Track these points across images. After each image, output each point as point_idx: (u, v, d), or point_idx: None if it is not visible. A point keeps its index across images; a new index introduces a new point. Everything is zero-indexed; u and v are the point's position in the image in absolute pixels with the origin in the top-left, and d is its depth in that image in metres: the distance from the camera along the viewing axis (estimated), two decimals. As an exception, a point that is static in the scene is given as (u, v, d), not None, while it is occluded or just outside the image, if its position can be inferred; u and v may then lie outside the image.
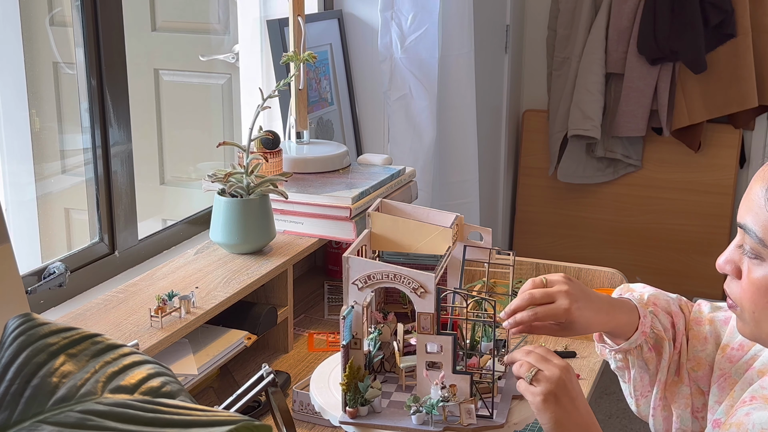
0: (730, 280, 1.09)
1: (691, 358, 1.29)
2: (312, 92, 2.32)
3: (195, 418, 0.54)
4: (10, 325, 0.59)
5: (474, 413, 1.22)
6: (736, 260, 1.07)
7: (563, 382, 1.12)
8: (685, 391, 1.28)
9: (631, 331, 1.26)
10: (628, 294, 1.32)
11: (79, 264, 1.70)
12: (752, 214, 1.03)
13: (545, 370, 1.13)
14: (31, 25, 2.14)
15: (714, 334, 1.29)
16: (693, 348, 1.30)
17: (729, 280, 1.09)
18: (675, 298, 1.34)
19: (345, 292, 1.25)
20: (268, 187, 1.76)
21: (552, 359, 1.15)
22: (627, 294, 1.32)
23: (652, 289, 1.34)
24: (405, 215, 1.42)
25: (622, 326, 1.26)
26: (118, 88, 1.77)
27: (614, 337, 1.29)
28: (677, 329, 1.30)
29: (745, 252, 1.04)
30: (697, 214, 3.73)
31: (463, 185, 2.88)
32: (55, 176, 2.19)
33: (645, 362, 1.29)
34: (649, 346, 1.27)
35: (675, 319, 1.30)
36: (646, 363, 1.29)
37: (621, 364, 1.32)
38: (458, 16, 2.70)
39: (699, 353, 1.29)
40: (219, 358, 1.57)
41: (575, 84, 3.62)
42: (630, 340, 1.26)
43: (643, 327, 1.26)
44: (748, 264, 1.05)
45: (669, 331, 1.29)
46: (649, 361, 1.28)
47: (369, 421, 1.23)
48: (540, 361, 1.15)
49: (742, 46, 3.45)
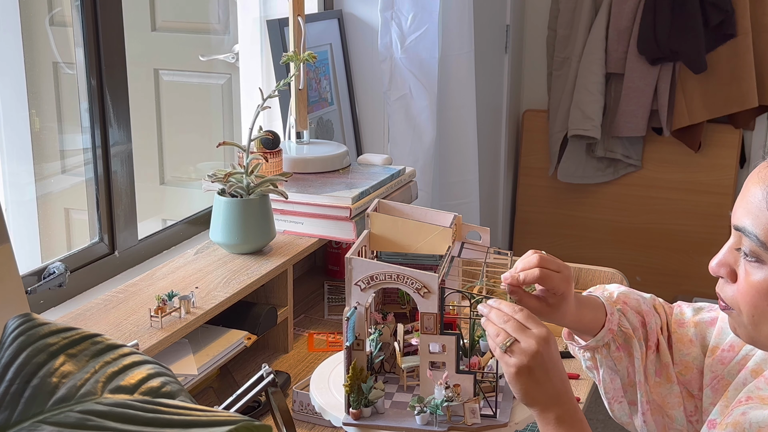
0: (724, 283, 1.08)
1: (678, 362, 1.28)
2: (312, 92, 2.32)
3: (195, 418, 0.54)
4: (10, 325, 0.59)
5: (478, 413, 1.22)
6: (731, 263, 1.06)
7: (539, 354, 1.09)
8: (675, 390, 1.27)
9: (597, 328, 1.25)
10: (597, 292, 1.31)
11: (79, 264, 1.70)
12: (752, 217, 1.01)
13: (522, 342, 1.10)
14: (31, 25, 2.14)
15: (699, 337, 1.28)
16: (678, 351, 1.28)
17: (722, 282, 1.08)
18: (649, 298, 1.33)
19: (347, 293, 1.25)
20: (268, 187, 1.75)
21: (532, 327, 1.11)
22: (597, 292, 1.31)
23: (623, 287, 1.33)
24: (404, 215, 1.42)
25: (588, 323, 1.25)
26: (118, 88, 1.77)
27: (581, 334, 1.28)
28: (649, 329, 1.28)
29: (744, 255, 1.03)
30: (697, 214, 3.73)
31: (463, 185, 2.88)
32: (55, 176, 2.19)
33: (614, 362, 1.27)
34: (617, 344, 1.26)
35: (646, 318, 1.28)
36: (615, 363, 1.27)
37: (590, 364, 1.31)
38: (458, 16, 2.70)
39: (685, 357, 1.28)
40: (219, 358, 1.57)
41: (575, 84, 3.62)
42: (596, 338, 1.25)
43: (609, 324, 1.25)
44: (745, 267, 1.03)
45: (639, 330, 1.27)
46: (618, 360, 1.27)
47: (373, 422, 1.23)
48: (517, 330, 1.11)
49: (742, 46, 3.45)
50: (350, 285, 1.24)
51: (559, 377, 1.12)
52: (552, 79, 3.78)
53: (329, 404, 1.28)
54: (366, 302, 1.25)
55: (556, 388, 1.11)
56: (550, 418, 1.11)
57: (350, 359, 1.23)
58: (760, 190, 1.01)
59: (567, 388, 1.13)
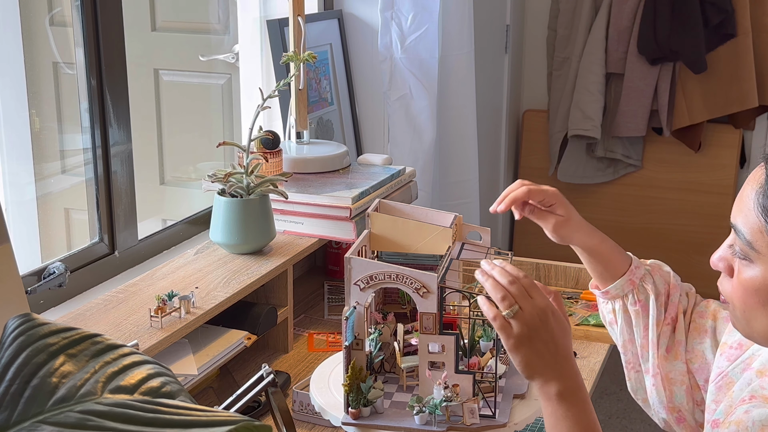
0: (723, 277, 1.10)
1: (690, 349, 1.31)
2: (312, 92, 2.32)
3: (195, 418, 0.54)
4: (10, 325, 0.59)
5: (477, 413, 1.22)
6: (728, 258, 1.08)
7: (538, 326, 1.08)
8: (680, 367, 1.30)
9: (618, 271, 1.32)
10: None
11: (79, 264, 1.70)
12: (742, 216, 1.04)
13: (524, 311, 1.09)
14: (31, 25, 2.14)
15: (713, 330, 1.31)
16: (693, 339, 1.32)
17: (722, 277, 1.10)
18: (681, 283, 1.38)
19: (347, 293, 1.25)
20: (268, 187, 1.76)
21: (535, 296, 1.10)
22: None
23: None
24: (404, 215, 1.42)
25: (610, 258, 1.32)
26: (118, 88, 1.77)
27: (603, 278, 1.34)
28: (671, 301, 1.33)
29: (735, 252, 1.05)
30: (697, 214, 3.73)
31: (463, 185, 2.88)
32: (55, 176, 2.19)
33: (632, 317, 1.32)
34: (636, 298, 1.32)
35: (672, 291, 1.34)
36: (633, 318, 1.32)
37: (611, 318, 1.37)
38: (458, 16, 2.70)
39: (697, 345, 1.31)
40: (219, 358, 1.57)
41: (575, 84, 3.62)
42: (616, 284, 1.32)
43: (631, 275, 1.32)
44: (738, 264, 1.06)
45: (662, 297, 1.33)
46: (635, 315, 1.32)
47: (372, 422, 1.23)
48: (522, 297, 1.10)
49: (742, 46, 3.45)
50: (349, 285, 1.24)
51: (561, 353, 1.10)
52: (552, 79, 3.78)
53: (329, 404, 1.28)
54: (365, 302, 1.25)
55: (558, 362, 1.10)
56: (551, 393, 1.09)
57: (349, 359, 1.23)
58: (751, 190, 1.04)
59: (571, 365, 1.11)
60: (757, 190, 1.02)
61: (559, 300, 1.18)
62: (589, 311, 1.92)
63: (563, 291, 2.04)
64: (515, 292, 1.10)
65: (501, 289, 1.11)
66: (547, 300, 1.12)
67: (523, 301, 1.09)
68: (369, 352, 1.30)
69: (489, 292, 1.11)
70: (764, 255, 1.01)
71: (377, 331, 1.33)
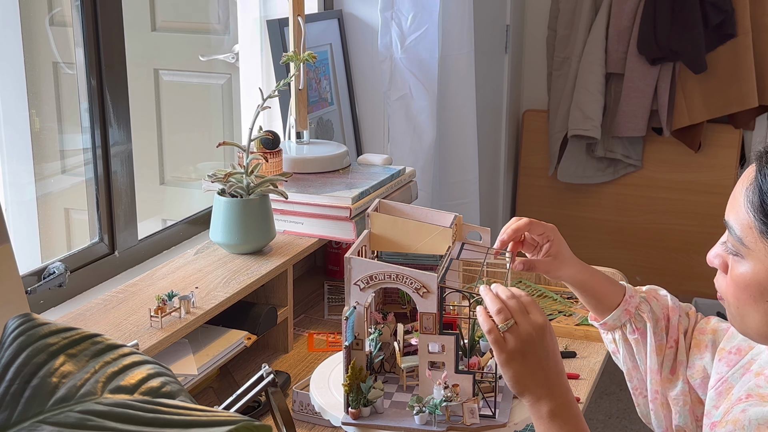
0: (719, 274, 1.11)
1: (691, 365, 1.31)
2: (312, 92, 2.32)
3: (195, 418, 0.54)
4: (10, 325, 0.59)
5: (477, 413, 1.22)
6: (723, 255, 1.09)
7: (534, 342, 1.09)
8: (681, 387, 1.30)
9: (613, 303, 1.32)
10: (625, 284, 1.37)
11: (79, 264, 1.70)
12: (734, 213, 1.06)
13: (520, 326, 1.09)
14: (31, 25, 2.14)
15: (713, 343, 1.31)
16: (694, 356, 1.32)
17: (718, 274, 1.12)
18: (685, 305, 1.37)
19: (347, 293, 1.25)
20: (268, 187, 1.76)
21: (532, 312, 1.11)
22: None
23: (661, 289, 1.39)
24: (404, 215, 1.42)
25: (602, 290, 1.32)
26: (118, 88, 1.77)
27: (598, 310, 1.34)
28: (671, 323, 1.33)
29: (728, 249, 1.06)
30: (697, 214, 3.73)
31: (463, 185, 2.88)
32: (55, 176, 2.19)
33: (633, 346, 1.32)
34: (634, 327, 1.32)
35: (671, 314, 1.34)
36: (634, 346, 1.32)
37: (613, 347, 1.37)
38: (458, 16, 2.70)
39: (697, 360, 1.31)
40: (219, 358, 1.57)
41: (575, 84, 3.62)
42: (612, 316, 1.32)
43: (626, 305, 1.32)
44: (731, 261, 1.07)
45: (661, 322, 1.32)
46: (636, 344, 1.32)
47: (372, 422, 1.23)
48: (519, 312, 1.10)
49: (742, 46, 3.45)
50: (349, 284, 1.24)
51: (554, 369, 1.11)
52: (552, 79, 3.78)
53: (329, 404, 1.28)
54: (365, 302, 1.25)
55: (550, 380, 1.10)
56: (543, 411, 1.09)
57: (349, 359, 1.24)
58: (742, 187, 1.06)
59: (562, 382, 1.12)
60: (747, 187, 1.04)
61: None
62: (589, 311, 1.92)
63: (563, 291, 2.04)
64: (513, 307, 1.11)
65: (499, 302, 1.12)
66: (545, 318, 1.12)
67: (520, 316, 1.10)
68: (369, 352, 1.30)
69: (487, 304, 1.13)
70: (753, 251, 1.02)
71: (377, 331, 1.33)
